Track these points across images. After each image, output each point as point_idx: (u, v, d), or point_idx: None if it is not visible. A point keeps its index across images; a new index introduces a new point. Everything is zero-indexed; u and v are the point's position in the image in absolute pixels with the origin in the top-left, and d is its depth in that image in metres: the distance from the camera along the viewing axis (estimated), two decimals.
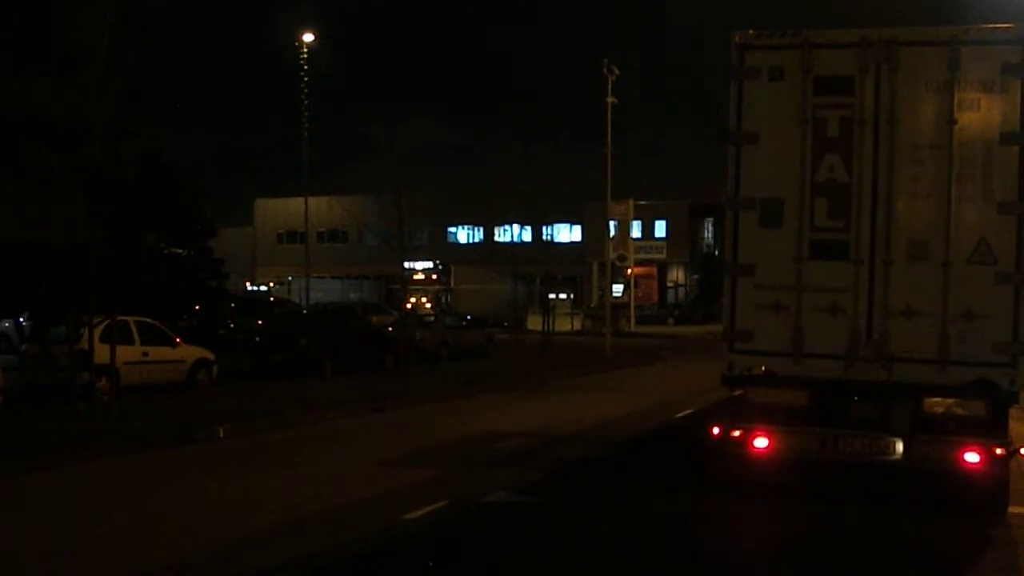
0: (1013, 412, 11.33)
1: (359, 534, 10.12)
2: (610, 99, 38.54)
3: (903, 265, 10.87)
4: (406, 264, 60.45)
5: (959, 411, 10.87)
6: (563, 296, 66.20)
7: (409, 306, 55.51)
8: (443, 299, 59.28)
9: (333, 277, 73.62)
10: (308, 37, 60.97)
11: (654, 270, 77.95)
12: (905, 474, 11.29)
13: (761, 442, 11.29)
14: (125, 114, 22.02)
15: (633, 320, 58.09)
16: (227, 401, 20.42)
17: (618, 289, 63.89)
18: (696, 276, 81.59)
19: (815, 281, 11.10)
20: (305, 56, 59.87)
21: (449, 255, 78.16)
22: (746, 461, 11.44)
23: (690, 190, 75.83)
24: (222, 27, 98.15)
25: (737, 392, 11.73)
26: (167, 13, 19.18)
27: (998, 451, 10.63)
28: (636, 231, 65.54)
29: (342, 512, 11.16)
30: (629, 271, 60.55)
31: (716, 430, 11.57)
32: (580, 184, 47.54)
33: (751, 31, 11.39)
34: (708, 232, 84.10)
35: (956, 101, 10.67)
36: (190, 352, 23.98)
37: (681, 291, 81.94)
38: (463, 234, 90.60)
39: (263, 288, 70.62)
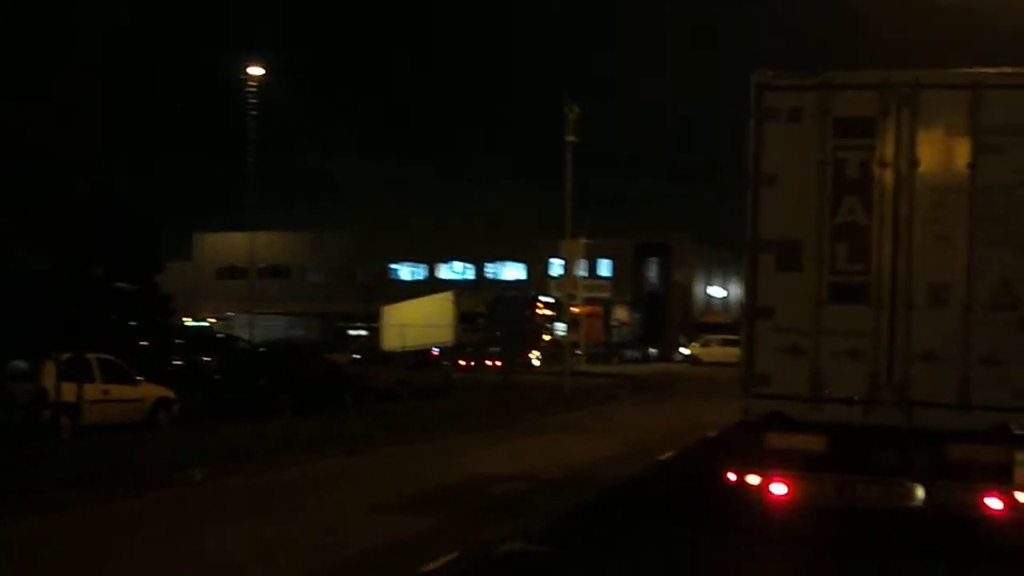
0: None
1: None
2: (570, 138, 38.26)
3: (924, 309, 10.77)
4: None
5: (980, 456, 10.76)
6: None
7: None
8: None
9: (275, 314, 72.60)
10: (256, 71, 60.48)
11: (600, 309, 78.06)
12: (927, 520, 11.12)
13: (779, 489, 11.07)
14: (80, 145, 21.48)
15: (584, 359, 57.97)
16: (193, 442, 19.72)
17: (563, 328, 63.77)
18: (639, 316, 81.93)
19: (835, 325, 10.96)
20: (252, 89, 59.36)
21: (392, 293, 77.72)
22: (762, 507, 11.21)
23: (635, 230, 76.44)
24: (172, 58, 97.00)
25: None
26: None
27: (1020, 497, 10.52)
28: (582, 270, 65.53)
29: (353, 565, 10.71)
30: (577, 310, 60.44)
31: (732, 476, 11.33)
32: (526, 222, 47.53)
33: (770, 71, 11.28)
34: (652, 272, 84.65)
35: (978, 144, 10.64)
36: (151, 391, 23.27)
37: (626, 330, 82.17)
38: (406, 271, 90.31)
39: (203, 324, 69.34)
